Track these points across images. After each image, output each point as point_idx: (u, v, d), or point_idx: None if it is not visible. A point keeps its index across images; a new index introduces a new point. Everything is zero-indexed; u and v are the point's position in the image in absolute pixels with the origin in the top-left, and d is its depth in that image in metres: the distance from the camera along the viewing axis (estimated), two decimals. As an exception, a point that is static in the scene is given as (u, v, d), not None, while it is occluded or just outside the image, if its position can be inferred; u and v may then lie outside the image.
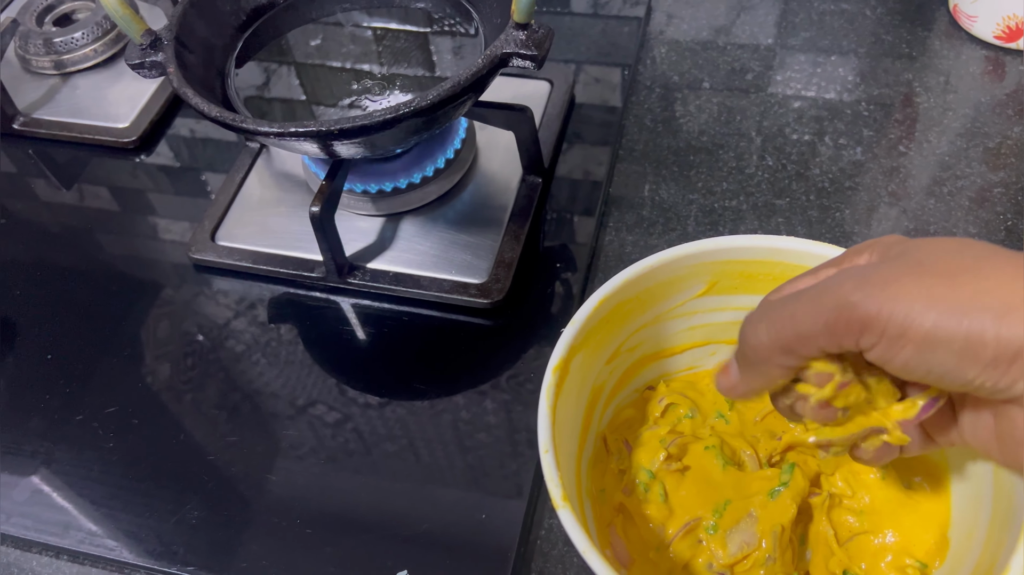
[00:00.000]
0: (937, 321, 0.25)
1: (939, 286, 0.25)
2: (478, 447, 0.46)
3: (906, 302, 0.25)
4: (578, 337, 0.38)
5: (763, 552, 0.37)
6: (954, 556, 0.36)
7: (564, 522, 0.32)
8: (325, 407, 0.48)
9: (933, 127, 0.58)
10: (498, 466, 0.45)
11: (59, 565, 0.45)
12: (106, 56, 0.66)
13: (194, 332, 0.52)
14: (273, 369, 0.50)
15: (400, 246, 0.53)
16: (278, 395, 0.49)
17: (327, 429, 0.47)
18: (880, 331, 0.26)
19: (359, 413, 0.47)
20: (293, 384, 0.49)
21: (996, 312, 0.24)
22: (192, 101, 0.43)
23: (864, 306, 0.26)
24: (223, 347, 0.51)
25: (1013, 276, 0.25)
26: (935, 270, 0.26)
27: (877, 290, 0.26)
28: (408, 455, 0.46)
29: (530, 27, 0.43)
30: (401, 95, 0.51)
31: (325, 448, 0.46)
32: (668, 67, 0.64)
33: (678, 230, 0.54)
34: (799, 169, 0.56)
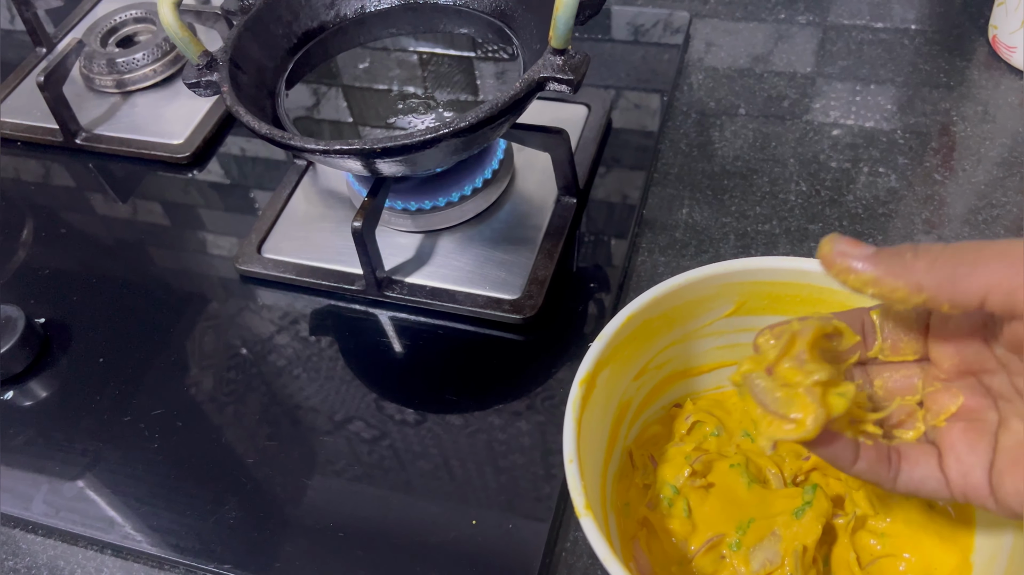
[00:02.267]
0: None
1: None
2: (508, 460, 0.47)
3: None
4: (605, 352, 0.39)
5: (785, 571, 0.37)
6: (977, 581, 0.36)
7: (586, 530, 0.33)
8: (363, 423, 0.49)
9: (970, 156, 0.58)
10: (526, 479, 0.46)
11: (103, 559, 0.46)
12: (164, 76, 0.70)
13: (238, 345, 0.54)
14: (313, 384, 0.52)
15: (437, 262, 0.54)
16: (317, 409, 0.50)
17: (364, 445, 0.48)
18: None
19: (395, 430, 0.49)
20: (332, 399, 0.51)
21: None
22: (244, 119, 0.46)
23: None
24: (265, 360, 0.53)
25: None
26: None
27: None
28: (441, 472, 0.47)
29: (567, 52, 0.44)
30: (443, 117, 0.53)
31: (361, 462, 0.48)
32: (705, 93, 0.65)
33: (710, 252, 0.55)
34: (833, 195, 0.57)
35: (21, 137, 0.69)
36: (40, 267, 0.61)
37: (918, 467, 0.32)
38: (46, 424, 0.52)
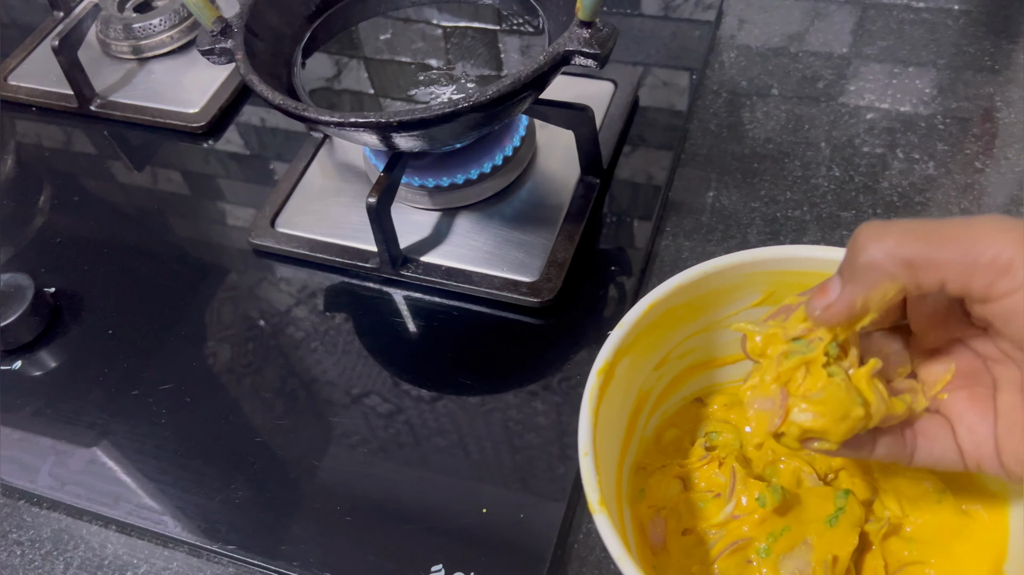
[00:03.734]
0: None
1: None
2: (523, 447, 0.45)
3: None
4: (625, 340, 0.37)
5: (816, 580, 0.36)
6: (1009, 592, 0.34)
7: (600, 527, 0.32)
8: (379, 398, 0.48)
9: (1013, 143, 0.56)
10: (541, 467, 0.44)
11: (107, 534, 0.46)
12: (182, 43, 0.68)
13: (253, 317, 0.53)
14: (327, 359, 0.50)
15: (454, 241, 0.53)
16: (334, 383, 0.49)
17: (379, 419, 0.47)
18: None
19: (411, 406, 0.48)
20: (349, 374, 0.50)
21: None
22: (257, 88, 0.44)
23: (1015, 243, 0.25)
24: (278, 335, 0.52)
25: None
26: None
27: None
28: (456, 450, 0.46)
29: (594, 25, 0.42)
30: (465, 90, 0.51)
31: (376, 438, 0.47)
32: (737, 72, 0.63)
33: (737, 238, 0.53)
34: (867, 182, 0.55)
35: (36, 102, 0.68)
36: (52, 235, 0.60)
37: (937, 442, 0.31)
38: (54, 395, 0.51)
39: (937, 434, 0.31)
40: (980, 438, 0.30)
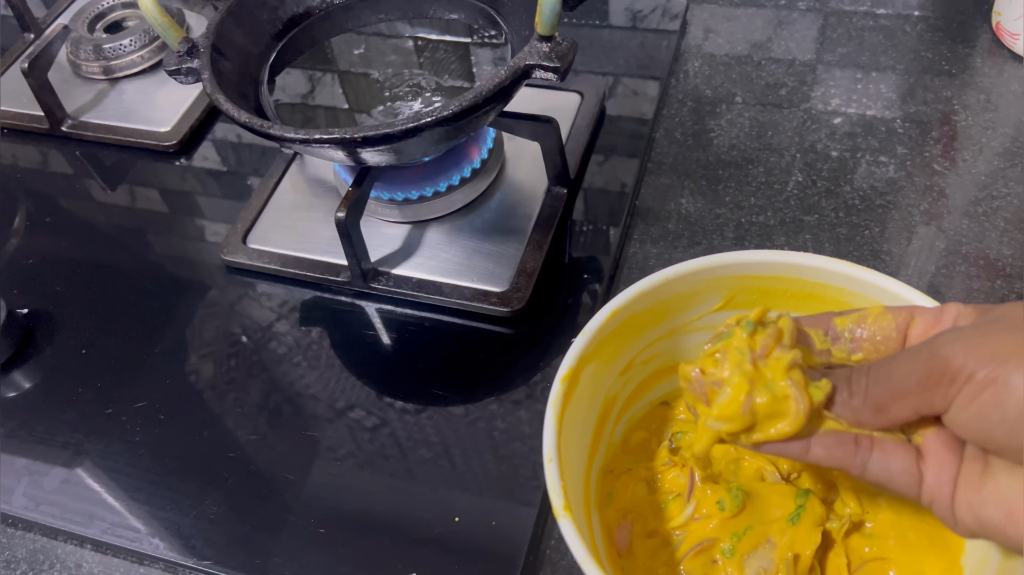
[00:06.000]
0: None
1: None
2: (494, 455, 0.46)
3: (1002, 356, 0.25)
4: (588, 347, 0.38)
5: (778, 579, 0.36)
6: (967, 585, 0.35)
7: (564, 532, 0.32)
8: (363, 411, 0.49)
9: (971, 146, 0.57)
10: (512, 475, 0.45)
11: (83, 554, 0.46)
12: (152, 62, 0.69)
13: (224, 336, 0.53)
14: (299, 374, 0.51)
15: (424, 253, 0.53)
16: (317, 396, 0.50)
17: (350, 434, 0.48)
18: (967, 379, 0.26)
19: (396, 418, 0.48)
20: (328, 387, 0.50)
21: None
22: (224, 107, 0.45)
23: (956, 357, 0.26)
24: (252, 352, 0.52)
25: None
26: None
27: (972, 344, 0.26)
28: (425, 459, 0.46)
29: (554, 39, 0.43)
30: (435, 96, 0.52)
31: (343, 456, 0.47)
32: (702, 81, 0.64)
33: (704, 244, 0.54)
34: (830, 186, 0.56)
35: (7, 124, 0.68)
36: (25, 256, 0.60)
37: (895, 459, 0.30)
38: (28, 416, 0.51)
39: (897, 451, 0.30)
40: (944, 478, 0.29)
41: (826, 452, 0.31)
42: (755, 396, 0.31)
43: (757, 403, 0.30)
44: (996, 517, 0.27)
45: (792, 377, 0.31)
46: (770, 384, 0.31)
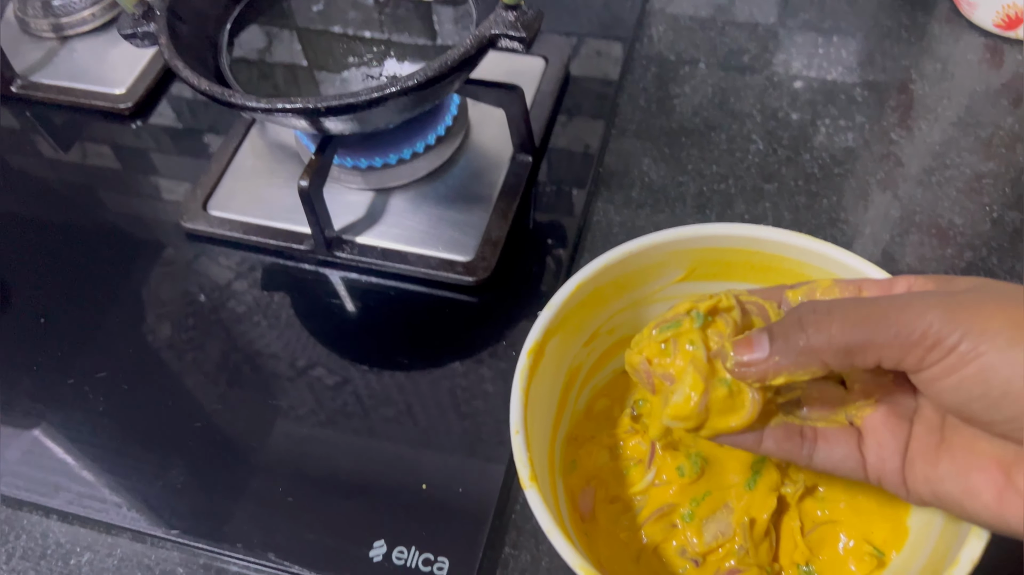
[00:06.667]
0: (1013, 339, 0.25)
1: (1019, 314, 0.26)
2: (462, 420, 0.47)
3: (990, 323, 0.26)
4: (554, 321, 0.38)
5: (735, 543, 0.38)
6: (912, 545, 0.37)
7: (530, 501, 0.33)
8: (318, 373, 0.49)
9: (927, 115, 0.58)
10: (479, 443, 0.46)
11: (49, 524, 0.46)
12: (104, 20, 0.67)
13: (185, 302, 0.53)
14: (263, 340, 0.51)
15: (389, 221, 0.53)
16: (278, 356, 0.50)
17: (314, 400, 0.48)
18: (950, 349, 0.26)
19: (358, 377, 0.48)
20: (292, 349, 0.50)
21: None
22: (183, 74, 0.44)
23: (942, 325, 0.26)
24: (213, 318, 0.52)
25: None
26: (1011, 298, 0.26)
27: (957, 314, 0.26)
28: (393, 421, 0.47)
29: (520, 8, 0.43)
30: (399, 63, 0.51)
31: (309, 421, 0.47)
32: (665, 46, 0.64)
33: (666, 212, 0.55)
34: (790, 154, 0.57)
35: (-47, 84, 0.66)
36: (-23, 222, 0.58)
37: (837, 447, 0.32)
38: (-14, 386, 0.50)
39: (839, 439, 0.32)
40: (887, 454, 0.31)
41: (776, 445, 0.32)
42: (710, 393, 0.31)
43: (712, 399, 0.31)
44: (954, 492, 0.29)
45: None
46: (725, 379, 0.31)
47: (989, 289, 0.28)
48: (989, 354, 0.26)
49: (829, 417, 0.33)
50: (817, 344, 0.29)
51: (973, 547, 0.31)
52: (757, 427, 0.32)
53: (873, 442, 0.32)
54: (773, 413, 0.33)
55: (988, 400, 0.26)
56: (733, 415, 0.31)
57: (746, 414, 0.31)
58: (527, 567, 0.42)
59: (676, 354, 0.32)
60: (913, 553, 0.36)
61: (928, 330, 0.26)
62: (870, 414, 0.32)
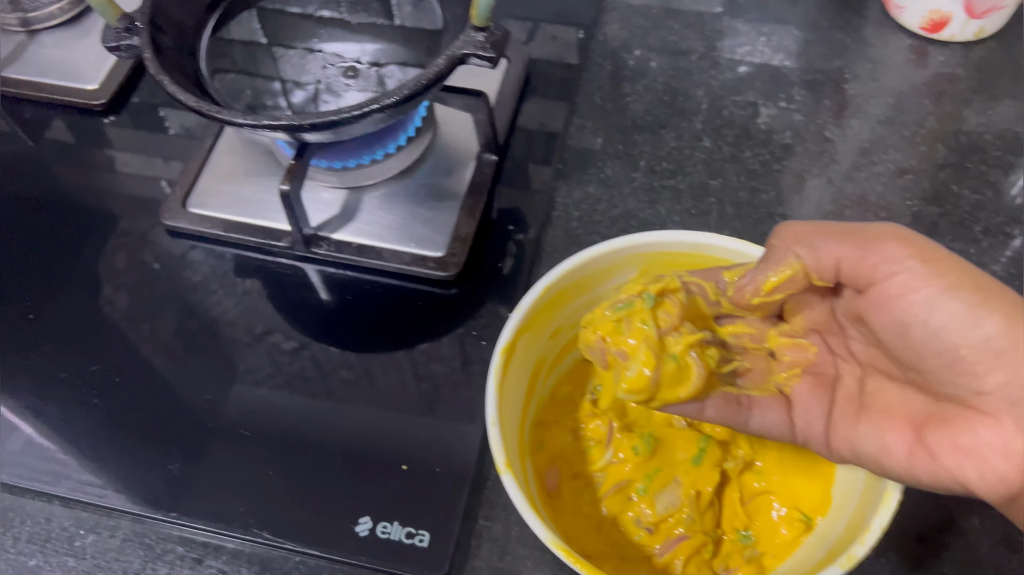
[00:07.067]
0: (960, 281, 0.29)
1: (967, 267, 0.30)
2: (435, 405, 0.51)
3: (942, 261, 0.30)
4: (523, 321, 0.43)
5: (683, 513, 0.43)
6: (835, 511, 0.42)
7: (506, 485, 0.38)
8: (297, 367, 0.52)
9: (858, 113, 0.63)
10: (449, 425, 0.50)
11: (52, 509, 0.49)
12: (72, 14, 0.68)
13: (170, 297, 0.56)
14: (242, 328, 0.54)
15: (363, 218, 0.57)
16: (249, 353, 0.53)
17: (298, 392, 0.52)
18: (905, 268, 0.29)
19: (332, 376, 0.52)
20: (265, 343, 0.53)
21: (1010, 310, 0.28)
22: (170, 89, 0.46)
23: (903, 244, 0.30)
24: (199, 314, 0.55)
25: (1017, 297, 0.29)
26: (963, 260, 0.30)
27: (919, 239, 0.30)
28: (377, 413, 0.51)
29: (488, 29, 0.46)
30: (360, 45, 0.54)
31: (295, 411, 0.51)
32: (620, 44, 0.68)
33: (620, 206, 0.59)
34: (734, 151, 0.61)
35: (-80, 77, 0.66)
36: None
37: (769, 413, 0.36)
38: (-19, 381, 0.53)
39: (771, 406, 0.36)
40: (812, 418, 0.35)
41: (716, 412, 0.36)
42: (661, 368, 0.35)
43: (662, 374, 0.35)
44: (871, 450, 0.33)
45: (694, 349, 0.36)
46: (674, 355, 0.35)
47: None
48: (933, 288, 0.29)
49: (762, 386, 0.37)
50: (786, 236, 0.33)
51: (883, 516, 0.37)
52: (700, 397, 0.36)
53: (801, 408, 0.36)
54: (714, 385, 0.36)
55: (928, 330, 0.29)
56: (680, 387, 0.35)
57: (692, 385, 0.35)
58: (499, 536, 0.47)
59: (629, 332, 0.36)
60: (836, 517, 0.42)
61: (886, 246, 0.30)
62: (798, 383, 0.36)
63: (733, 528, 0.44)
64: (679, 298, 0.37)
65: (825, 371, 0.36)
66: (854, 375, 0.35)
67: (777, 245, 0.34)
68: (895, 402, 0.33)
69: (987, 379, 0.29)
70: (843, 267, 0.32)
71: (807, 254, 0.33)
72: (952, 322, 0.29)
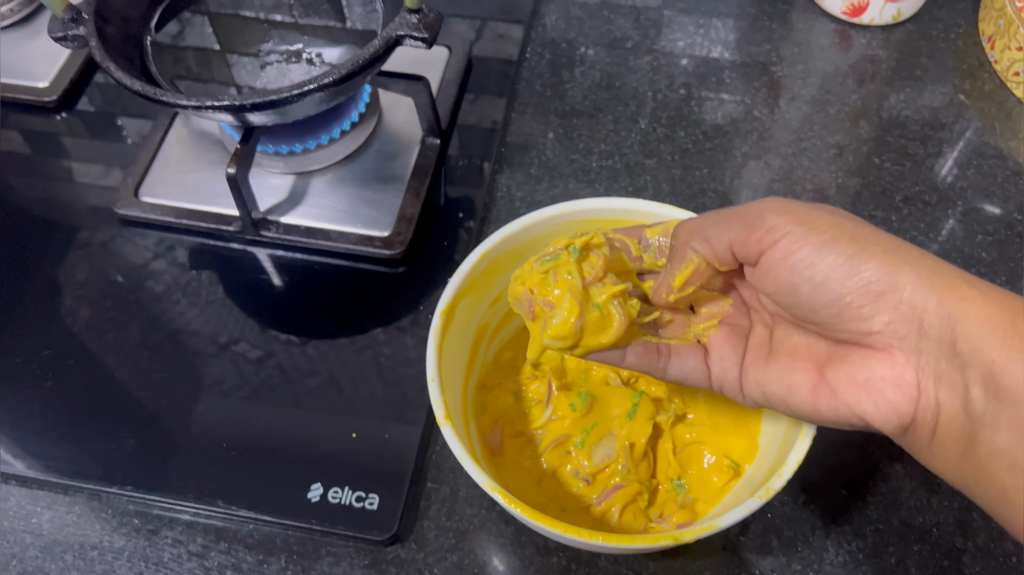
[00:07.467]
0: (835, 236, 0.31)
1: (845, 223, 0.32)
2: (384, 378, 0.53)
3: (818, 222, 0.32)
4: (462, 286, 0.45)
5: (619, 463, 0.45)
6: (760, 457, 0.45)
7: (446, 436, 0.40)
8: (247, 344, 0.54)
9: (785, 94, 0.66)
10: (401, 395, 0.52)
11: (8, 489, 0.50)
12: (22, 15, 0.69)
13: (123, 285, 0.57)
14: (197, 315, 0.56)
15: (311, 202, 0.58)
16: (199, 333, 0.55)
17: (249, 365, 0.53)
18: (784, 234, 0.32)
19: (281, 350, 0.54)
20: (215, 324, 0.55)
21: (884, 254, 0.31)
22: (115, 75, 0.48)
23: (781, 214, 0.32)
24: (143, 295, 0.56)
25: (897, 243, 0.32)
26: (841, 215, 0.33)
27: (795, 206, 0.33)
28: (326, 387, 0.52)
29: (422, 11, 0.49)
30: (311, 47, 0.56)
31: (247, 383, 0.53)
32: (558, 34, 0.70)
33: (560, 186, 0.61)
34: (668, 132, 0.64)
35: None
36: (-91, 214, 0.61)
37: (687, 361, 0.38)
38: (-65, 368, 0.54)
39: (689, 354, 0.38)
40: (727, 365, 0.38)
41: (637, 359, 0.38)
42: (584, 316, 0.37)
43: (586, 321, 0.37)
44: (779, 391, 0.35)
45: (616, 298, 0.38)
46: (597, 304, 0.37)
47: (820, 204, 0.34)
48: (810, 247, 0.32)
49: (680, 336, 0.40)
50: (681, 235, 0.36)
51: (798, 451, 0.39)
52: (622, 345, 0.38)
53: (716, 356, 0.38)
54: (635, 334, 0.39)
55: (813, 284, 0.32)
56: (603, 333, 0.37)
57: (613, 332, 0.37)
58: (447, 498, 0.49)
59: (555, 283, 0.37)
60: (761, 463, 0.44)
61: (766, 219, 0.33)
62: (714, 334, 0.39)
63: (667, 478, 0.46)
64: (603, 252, 0.39)
65: (740, 322, 0.39)
66: (765, 324, 0.38)
67: (676, 245, 0.37)
68: (800, 346, 0.35)
69: (874, 320, 0.31)
70: (735, 248, 0.34)
71: (702, 247, 0.35)
72: (833, 273, 0.31)
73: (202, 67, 0.57)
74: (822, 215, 0.33)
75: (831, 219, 0.32)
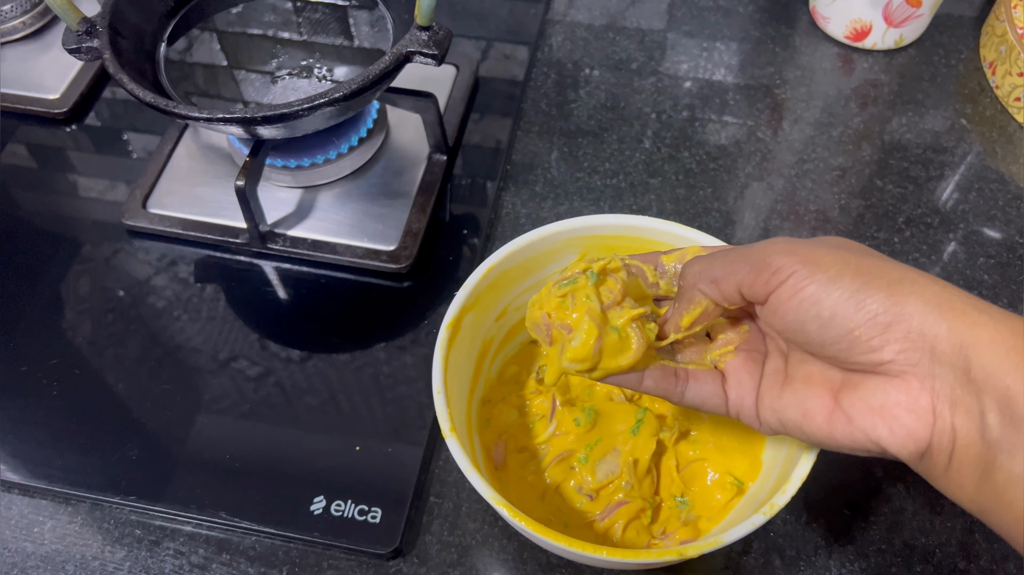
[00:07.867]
0: (840, 272, 0.32)
1: (850, 258, 0.32)
2: (390, 394, 0.53)
3: (823, 260, 0.32)
4: (468, 299, 0.45)
5: (622, 479, 0.45)
6: (764, 475, 0.45)
7: (451, 449, 0.40)
8: (251, 358, 0.54)
9: (788, 116, 0.67)
10: (406, 410, 0.52)
11: (11, 498, 0.50)
12: (35, 28, 0.70)
13: (129, 296, 0.57)
14: (200, 328, 0.56)
15: (317, 215, 0.59)
16: (200, 350, 0.55)
17: (253, 379, 0.53)
18: (788, 275, 0.32)
19: (281, 367, 0.54)
20: (215, 340, 0.55)
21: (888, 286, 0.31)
22: (128, 87, 0.48)
23: (780, 257, 0.33)
24: (146, 308, 0.57)
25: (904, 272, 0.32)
26: (847, 248, 0.33)
27: (801, 245, 0.33)
28: (330, 402, 0.53)
29: (432, 29, 0.49)
30: (321, 64, 0.57)
31: (251, 396, 0.53)
32: (564, 54, 0.71)
33: (565, 204, 0.62)
34: (672, 152, 0.65)
35: None
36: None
37: (705, 386, 0.39)
38: (-60, 376, 0.54)
39: (707, 379, 0.38)
40: (745, 391, 0.37)
41: (654, 383, 0.38)
42: (603, 339, 0.38)
43: (604, 344, 0.37)
44: (795, 417, 0.35)
45: (635, 322, 0.38)
46: (616, 327, 0.38)
47: (826, 239, 0.35)
48: (816, 284, 0.32)
49: (698, 361, 0.40)
50: (689, 278, 0.37)
51: (802, 468, 0.39)
52: (640, 368, 0.38)
53: (734, 382, 0.39)
54: (653, 358, 0.39)
55: (820, 321, 0.32)
56: (621, 356, 0.37)
57: (632, 354, 0.37)
58: (449, 512, 0.49)
59: (574, 307, 0.38)
60: (764, 480, 0.44)
61: (772, 261, 0.33)
62: (731, 359, 0.39)
63: (670, 494, 0.46)
64: (620, 276, 0.39)
65: (756, 348, 0.39)
66: (780, 351, 0.38)
67: (684, 286, 0.38)
68: (815, 373, 0.35)
69: (884, 350, 0.31)
70: (743, 290, 0.35)
71: (709, 289, 0.36)
72: (839, 308, 0.32)
73: (212, 82, 0.58)
74: (827, 252, 0.33)
75: (836, 255, 0.33)
